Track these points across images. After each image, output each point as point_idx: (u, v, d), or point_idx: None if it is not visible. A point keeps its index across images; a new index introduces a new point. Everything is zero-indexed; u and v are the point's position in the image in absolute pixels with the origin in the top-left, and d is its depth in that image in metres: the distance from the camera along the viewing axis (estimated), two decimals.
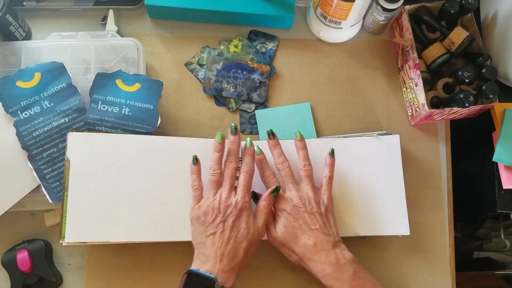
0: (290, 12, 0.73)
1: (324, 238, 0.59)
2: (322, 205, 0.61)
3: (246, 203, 0.59)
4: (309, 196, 0.61)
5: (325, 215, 0.61)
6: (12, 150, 0.62)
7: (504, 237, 0.84)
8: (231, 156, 0.61)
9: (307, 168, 0.63)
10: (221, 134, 0.62)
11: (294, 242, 0.60)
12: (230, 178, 0.60)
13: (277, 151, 0.63)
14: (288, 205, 0.60)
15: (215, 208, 0.58)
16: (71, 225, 0.59)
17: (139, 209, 0.61)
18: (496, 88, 0.64)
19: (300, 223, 0.60)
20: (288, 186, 0.62)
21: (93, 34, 0.70)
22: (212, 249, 0.57)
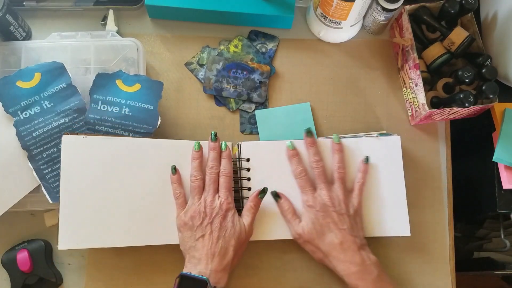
0: (290, 12, 0.73)
1: (351, 239, 0.60)
2: (351, 208, 0.63)
3: (230, 203, 0.61)
4: (340, 198, 0.62)
5: (354, 217, 0.62)
6: (12, 150, 0.62)
7: (504, 237, 0.84)
8: (212, 161, 0.63)
9: (341, 170, 0.64)
10: (198, 142, 0.64)
11: (321, 239, 0.61)
12: (213, 182, 0.62)
13: (313, 149, 0.65)
14: (318, 203, 0.62)
15: (201, 211, 0.60)
16: (64, 232, 0.59)
17: (134, 213, 0.61)
18: (496, 88, 0.64)
19: (328, 221, 0.61)
20: (320, 185, 0.63)
21: (93, 34, 0.70)
22: (203, 251, 0.58)
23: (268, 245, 0.66)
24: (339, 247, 0.60)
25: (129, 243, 0.61)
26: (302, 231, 0.62)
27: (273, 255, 0.67)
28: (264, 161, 0.66)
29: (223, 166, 0.63)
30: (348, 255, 0.60)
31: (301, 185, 0.64)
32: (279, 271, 0.67)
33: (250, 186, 0.65)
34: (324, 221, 0.61)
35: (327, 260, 0.62)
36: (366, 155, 0.66)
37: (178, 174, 0.63)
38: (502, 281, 1.18)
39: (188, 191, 0.63)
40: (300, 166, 0.64)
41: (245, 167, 0.66)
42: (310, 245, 0.63)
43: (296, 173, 0.64)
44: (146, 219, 0.61)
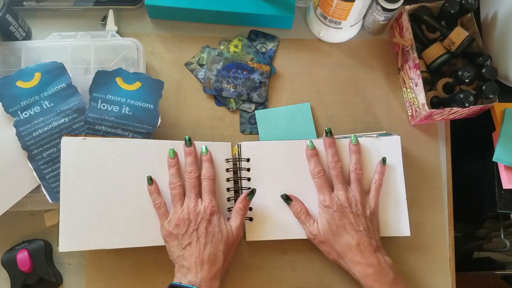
0: (290, 12, 0.73)
1: (367, 241, 0.60)
2: (368, 209, 0.62)
3: (214, 207, 0.60)
4: (356, 199, 0.62)
5: (370, 219, 0.62)
6: (12, 150, 0.62)
7: (504, 237, 0.84)
8: (189, 166, 0.62)
9: (358, 172, 0.64)
10: (172, 149, 0.63)
11: (337, 240, 0.61)
12: (193, 187, 0.61)
13: (332, 150, 0.65)
14: (335, 204, 0.61)
15: (185, 218, 0.59)
16: (65, 234, 0.59)
17: (134, 215, 0.61)
18: (496, 88, 0.64)
19: (344, 222, 0.61)
20: (337, 186, 0.63)
21: (93, 34, 0.70)
22: (191, 259, 0.57)
23: (268, 245, 0.66)
24: (355, 248, 0.60)
25: (130, 244, 0.61)
26: (317, 231, 0.62)
27: (273, 255, 0.67)
28: (264, 161, 0.66)
29: (205, 170, 0.62)
30: (364, 257, 0.59)
31: (318, 185, 0.63)
32: (279, 271, 0.67)
33: (250, 186, 0.65)
34: (340, 222, 0.61)
35: (342, 261, 0.61)
36: (384, 156, 0.66)
37: (155, 184, 0.62)
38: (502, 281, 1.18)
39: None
40: (319, 166, 0.64)
41: (245, 167, 0.66)
42: (325, 246, 0.62)
43: (314, 172, 0.64)
44: (146, 220, 0.61)
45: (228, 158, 0.66)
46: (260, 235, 0.64)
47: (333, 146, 0.65)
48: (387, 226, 0.65)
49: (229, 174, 0.65)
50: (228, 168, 0.66)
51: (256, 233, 0.64)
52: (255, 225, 0.64)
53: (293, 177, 0.66)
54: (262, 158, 0.66)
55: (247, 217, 0.64)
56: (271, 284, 0.66)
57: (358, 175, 0.64)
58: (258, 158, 0.66)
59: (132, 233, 0.61)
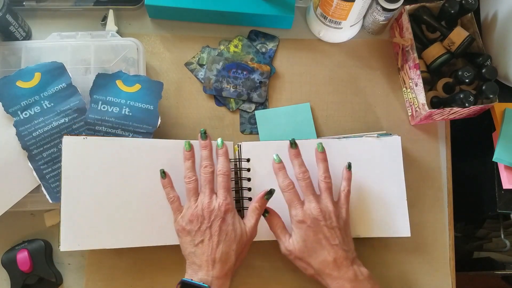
0: (290, 12, 0.73)
1: (343, 254, 0.58)
2: (341, 220, 0.61)
3: (229, 204, 0.58)
4: (329, 210, 0.60)
5: (344, 229, 0.60)
6: (12, 150, 0.62)
7: (504, 237, 0.84)
8: (204, 160, 0.61)
9: (328, 180, 0.62)
10: (188, 142, 0.61)
11: (312, 256, 0.59)
12: (208, 182, 0.60)
13: (298, 161, 0.63)
14: (308, 218, 0.59)
15: (199, 215, 0.57)
16: (66, 234, 0.59)
17: (135, 214, 0.61)
18: (496, 88, 0.64)
19: (319, 237, 0.59)
20: (308, 198, 0.60)
21: (93, 34, 0.70)
22: (203, 257, 0.56)
23: (269, 245, 0.66)
24: (332, 264, 0.58)
25: (130, 244, 0.61)
26: (293, 247, 0.60)
27: (273, 255, 0.67)
28: (264, 162, 0.66)
29: (220, 165, 0.61)
30: (341, 272, 0.58)
31: (289, 199, 0.61)
32: (279, 271, 0.67)
33: (250, 187, 0.65)
34: (315, 237, 0.59)
35: (319, 277, 0.60)
36: (349, 162, 0.64)
37: (169, 178, 0.61)
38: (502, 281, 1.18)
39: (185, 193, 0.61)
40: (287, 179, 0.61)
41: (245, 168, 0.66)
42: (301, 262, 0.61)
43: (284, 186, 0.61)
44: (147, 220, 0.61)
45: (230, 158, 0.66)
46: (261, 235, 0.64)
47: (299, 157, 0.63)
48: (387, 227, 0.65)
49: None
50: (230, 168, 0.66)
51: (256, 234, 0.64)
52: None
53: (293, 177, 0.66)
54: (262, 159, 0.66)
55: None
56: (271, 284, 0.66)
57: (328, 184, 0.62)
58: (258, 159, 0.66)
59: (133, 233, 0.61)
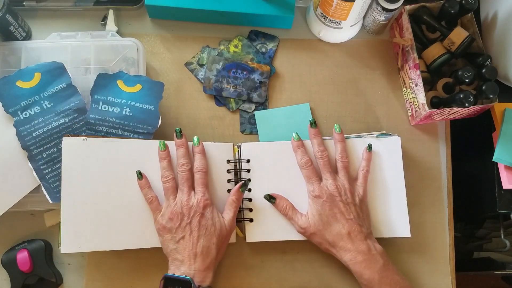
0: (290, 12, 0.73)
1: (358, 228, 0.61)
2: (357, 197, 0.63)
3: (207, 200, 0.60)
4: (345, 187, 0.62)
5: (360, 206, 0.63)
6: (12, 150, 0.62)
7: (504, 237, 0.84)
8: (181, 159, 0.62)
9: (345, 160, 0.64)
10: (163, 142, 0.63)
11: (327, 230, 0.61)
12: (186, 180, 0.61)
13: (317, 140, 0.65)
14: (325, 193, 0.62)
15: (178, 212, 0.59)
16: (66, 235, 0.59)
17: (135, 216, 0.61)
18: (496, 88, 0.64)
19: (335, 212, 0.61)
20: (326, 175, 0.63)
21: (93, 34, 0.69)
22: (184, 252, 0.58)
23: (268, 245, 0.66)
24: (346, 237, 0.60)
25: (131, 246, 0.61)
26: (307, 224, 0.62)
27: (273, 255, 0.67)
28: (264, 162, 0.66)
29: (197, 162, 0.62)
30: (355, 245, 0.60)
31: (307, 175, 0.64)
32: (279, 271, 0.67)
33: (250, 187, 0.65)
34: (330, 212, 0.61)
35: (334, 250, 0.62)
36: (369, 143, 0.66)
37: (145, 179, 0.61)
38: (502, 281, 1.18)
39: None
40: (306, 156, 0.64)
41: (245, 168, 0.66)
42: (316, 237, 0.62)
43: (302, 163, 0.64)
44: (148, 221, 0.61)
45: (229, 159, 0.66)
46: (261, 236, 0.64)
47: (318, 136, 0.65)
48: (387, 227, 0.65)
49: (231, 175, 0.65)
50: (230, 169, 0.66)
51: (256, 234, 0.64)
52: (255, 226, 0.64)
53: (293, 178, 0.66)
54: (262, 159, 0.66)
55: (247, 218, 0.64)
56: (271, 284, 0.66)
57: (345, 163, 0.64)
58: (258, 159, 0.66)
59: (133, 234, 0.61)
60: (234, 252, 0.66)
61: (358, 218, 0.61)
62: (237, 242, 0.66)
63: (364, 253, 0.60)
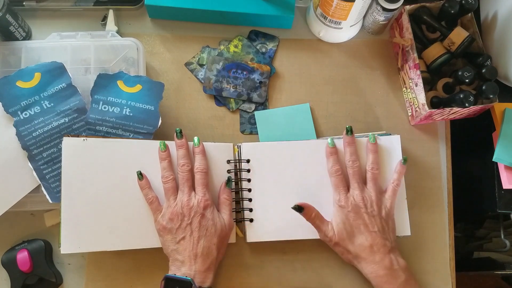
0: (290, 12, 0.73)
1: (381, 242, 0.60)
2: (383, 209, 0.62)
3: (208, 200, 0.60)
4: (372, 199, 0.62)
5: (385, 219, 0.62)
6: (12, 150, 0.62)
7: (504, 237, 0.84)
8: (181, 159, 0.62)
9: (374, 171, 0.64)
10: (163, 142, 0.62)
11: (351, 240, 0.61)
12: (186, 181, 0.61)
13: (351, 148, 0.65)
14: (350, 204, 0.61)
15: (178, 213, 0.59)
16: (67, 236, 0.59)
17: (135, 216, 0.61)
18: (496, 88, 0.64)
19: (359, 223, 0.60)
20: (353, 185, 0.63)
21: (93, 34, 0.69)
22: (185, 253, 0.57)
23: (268, 245, 0.66)
24: (368, 249, 0.60)
25: (131, 246, 0.61)
26: (332, 233, 0.61)
27: (273, 255, 0.67)
28: (264, 162, 0.66)
29: (197, 162, 0.62)
30: (377, 258, 0.59)
31: (335, 184, 0.63)
32: (279, 271, 0.67)
33: (250, 187, 0.65)
34: (355, 223, 0.60)
35: (355, 261, 0.61)
36: (404, 156, 0.66)
37: (146, 179, 0.61)
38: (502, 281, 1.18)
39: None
40: (337, 165, 0.64)
41: (245, 169, 0.66)
42: (339, 247, 0.62)
43: (332, 171, 0.64)
44: (148, 222, 0.61)
45: (229, 159, 0.66)
46: (261, 236, 0.64)
47: (352, 145, 0.65)
48: None
49: (231, 175, 0.65)
50: (230, 169, 0.66)
51: (256, 234, 0.64)
52: (256, 226, 0.64)
53: (293, 178, 0.66)
54: (262, 159, 0.66)
55: (247, 218, 0.64)
56: (271, 284, 0.66)
57: (375, 175, 0.64)
58: (258, 159, 0.66)
59: (134, 235, 0.61)
60: (234, 252, 0.66)
61: (383, 231, 0.61)
62: (237, 242, 0.66)
63: (386, 267, 0.59)
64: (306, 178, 0.66)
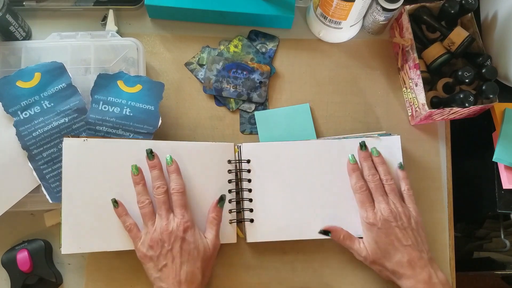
0: (290, 12, 0.73)
1: (417, 255, 0.58)
2: (412, 219, 0.61)
3: (187, 222, 0.58)
4: (399, 210, 0.60)
5: (416, 229, 0.60)
6: (12, 150, 0.62)
7: (504, 237, 0.84)
8: (156, 181, 0.59)
9: (390, 182, 0.63)
10: (135, 166, 0.60)
11: (386, 258, 0.59)
12: (163, 203, 0.58)
13: (368, 163, 0.64)
14: (379, 220, 0.59)
15: (158, 239, 0.56)
16: (67, 236, 0.59)
17: (135, 216, 0.61)
18: (496, 88, 0.64)
19: (392, 238, 0.59)
20: (378, 199, 0.61)
21: (93, 34, 0.69)
22: (168, 281, 0.55)
23: (268, 245, 0.66)
24: (406, 264, 0.58)
25: (131, 246, 0.61)
26: (366, 253, 0.60)
27: (273, 255, 0.67)
28: (265, 163, 0.66)
29: (173, 183, 0.59)
30: (415, 273, 0.58)
31: (361, 200, 0.62)
32: (279, 271, 0.67)
33: (250, 188, 0.65)
34: (387, 239, 0.59)
35: (394, 277, 0.60)
36: (400, 162, 0.65)
37: (122, 206, 0.59)
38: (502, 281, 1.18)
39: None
40: (361, 181, 0.62)
41: (245, 169, 0.66)
42: (376, 265, 0.61)
43: (357, 187, 0.62)
44: None
45: (230, 159, 0.66)
46: (261, 236, 0.64)
47: (368, 159, 0.64)
48: None
49: (231, 175, 0.65)
50: (230, 170, 0.66)
51: (256, 235, 0.64)
52: (256, 227, 0.64)
53: (293, 178, 0.66)
54: (263, 159, 0.66)
55: (247, 219, 0.64)
56: (271, 284, 0.66)
57: (392, 186, 0.62)
58: (258, 160, 0.66)
59: None
60: (234, 252, 0.66)
61: (417, 244, 0.59)
62: (237, 242, 0.66)
63: (424, 281, 0.57)
64: (306, 178, 0.66)
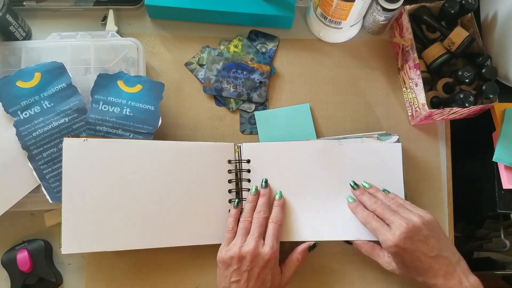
0: (290, 12, 0.73)
1: (445, 262, 0.57)
2: (429, 224, 0.58)
3: (274, 253, 0.59)
4: (413, 220, 0.58)
5: (437, 234, 0.58)
6: (12, 150, 0.62)
7: (504, 237, 0.84)
8: (260, 206, 0.63)
9: (393, 200, 0.62)
10: (256, 186, 0.64)
11: (416, 274, 0.58)
12: (258, 226, 0.61)
13: (365, 196, 0.64)
14: (400, 240, 0.56)
15: (241, 256, 0.58)
16: (67, 236, 0.59)
17: (136, 216, 0.61)
18: (496, 88, 0.64)
19: (417, 255, 0.57)
20: (389, 219, 0.59)
21: (93, 34, 0.69)
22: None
23: None
24: (436, 275, 0.57)
25: (132, 246, 0.61)
26: (393, 267, 0.60)
27: None
28: (265, 163, 0.66)
29: (274, 213, 0.63)
30: (446, 280, 0.57)
31: (374, 228, 0.60)
32: None
33: (250, 188, 0.65)
34: (413, 257, 0.57)
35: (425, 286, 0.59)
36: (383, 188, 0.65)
37: (239, 210, 0.64)
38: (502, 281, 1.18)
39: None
40: (365, 212, 0.62)
41: (245, 169, 0.66)
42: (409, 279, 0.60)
43: (365, 218, 0.61)
44: (148, 222, 0.61)
45: (230, 159, 0.66)
46: None
47: (364, 193, 0.64)
48: None
49: (231, 175, 0.65)
50: (230, 170, 0.66)
51: None
52: None
53: (293, 178, 0.66)
54: (263, 159, 0.66)
55: None
56: None
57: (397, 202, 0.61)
58: (258, 160, 0.66)
59: (134, 235, 0.61)
60: None
61: (441, 249, 0.57)
62: None
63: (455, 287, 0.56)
64: (306, 178, 0.66)
